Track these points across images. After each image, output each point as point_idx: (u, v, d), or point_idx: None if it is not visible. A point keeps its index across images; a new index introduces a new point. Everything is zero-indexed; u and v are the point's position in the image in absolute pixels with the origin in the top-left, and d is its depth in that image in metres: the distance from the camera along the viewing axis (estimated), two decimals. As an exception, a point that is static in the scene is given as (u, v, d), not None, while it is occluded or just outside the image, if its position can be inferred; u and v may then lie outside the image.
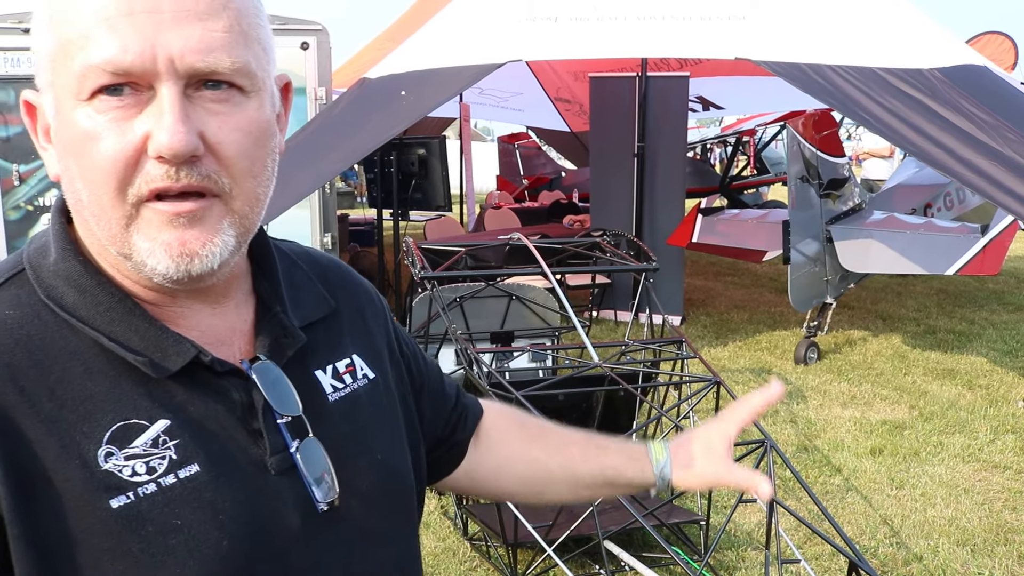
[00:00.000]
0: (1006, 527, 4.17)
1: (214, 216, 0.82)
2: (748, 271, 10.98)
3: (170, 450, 0.81)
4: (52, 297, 0.83)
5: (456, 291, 4.94)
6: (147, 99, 0.78)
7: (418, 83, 5.66)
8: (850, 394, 6.22)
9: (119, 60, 0.75)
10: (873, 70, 4.49)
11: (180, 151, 0.77)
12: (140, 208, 0.79)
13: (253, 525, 0.84)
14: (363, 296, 1.12)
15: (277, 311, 0.95)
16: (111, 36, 0.75)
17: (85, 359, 0.81)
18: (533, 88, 12.88)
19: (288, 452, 0.89)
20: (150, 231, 0.80)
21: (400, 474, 1.04)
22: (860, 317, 8.53)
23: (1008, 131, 4.00)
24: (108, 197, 0.79)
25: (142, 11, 0.76)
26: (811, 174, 6.88)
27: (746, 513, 4.24)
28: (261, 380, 0.89)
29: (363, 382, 1.03)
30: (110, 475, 0.79)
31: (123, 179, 0.78)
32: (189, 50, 0.77)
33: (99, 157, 0.77)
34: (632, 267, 4.68)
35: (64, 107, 0.79)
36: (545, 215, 11.86)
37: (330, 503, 0.90)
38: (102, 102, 0.77)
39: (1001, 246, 6.27)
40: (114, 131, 0.77)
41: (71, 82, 0.77)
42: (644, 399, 4.12)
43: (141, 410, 0.81)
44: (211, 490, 0.82)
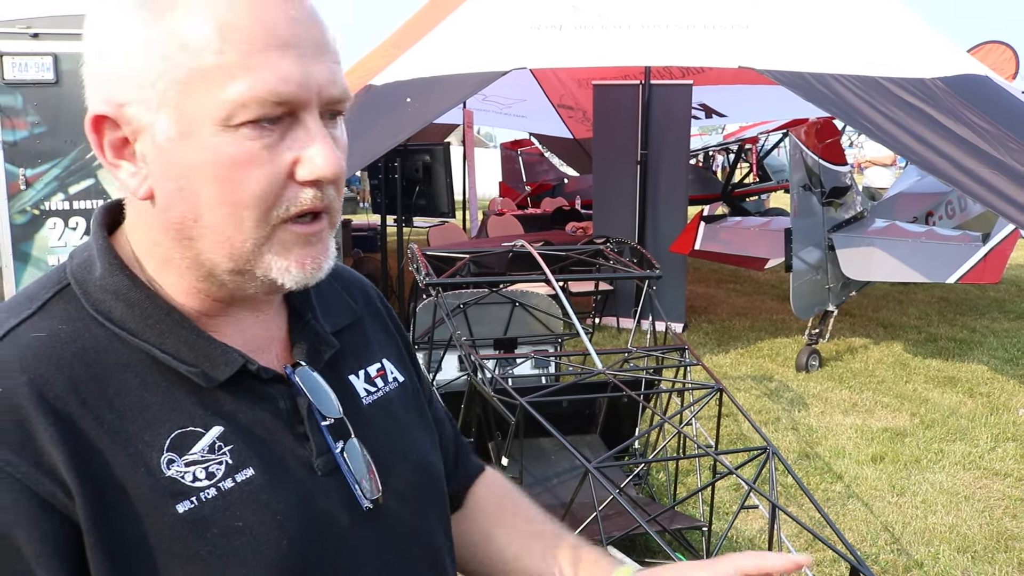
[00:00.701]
0: (1007, 534, 4.19)
1: (327, 233, 0.89)
2: (750, 278, 11.00)
3: (226, 455, 0.85)
4: (101, 311, 0.86)
5: (460, 297, 4.97)
6: (287, 127, 0.83)
7: (423, 90, 5.69)
8: (851, 401, 6.23)
9: (281, 90, 0.80)
10: (875, 79, 4.52)
11: (337, 174, 0.84)
12: (276, 230, 0.84)
13: (308, 524, 0.88)
14: (377, 301, 1.17)
15: (310, 319, 1.00)
16: (270, 68, 0.80)
17: (138, 371, 0.84)
18: (536, 95, 12.92)
19: (332, 453, 0.93)
20: (282, 251, 0.85)
21: (435, 473, 1.09)
22: (862, 325, 8.55)
23: (1009, 140, 4.02)
24: (253, 219, 0.83)
25: (291, 44, 0.81)
26: (813, 182, 6.91)
27: (748, 520, 4.26)
28: (304, 385, 0.93)
29: (394, 385, 1.07)
30: (174, 481, 0.82)
31: (272, 203, 0.83)
32: (328, 82, 0.84)
33: (252, 183, 0.81)
34: (635, 274, 4.70)
35: (200, 131, 0.81)
36: (548, 222, 11.88)
37: (374, 501, 0.94)
38: (253, 129, 0.81)
39: (1002, 255, 6.29)
40: (266, 158, 0.82)
41: (216, 109, 0.80)
42: (647, 406, 4.15)
43: (196, 418, 0.85)
44: (267, 492, 0.86)
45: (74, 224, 5.72)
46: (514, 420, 3.42)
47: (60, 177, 5.68)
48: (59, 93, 5.45)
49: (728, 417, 5.35)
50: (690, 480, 4.64)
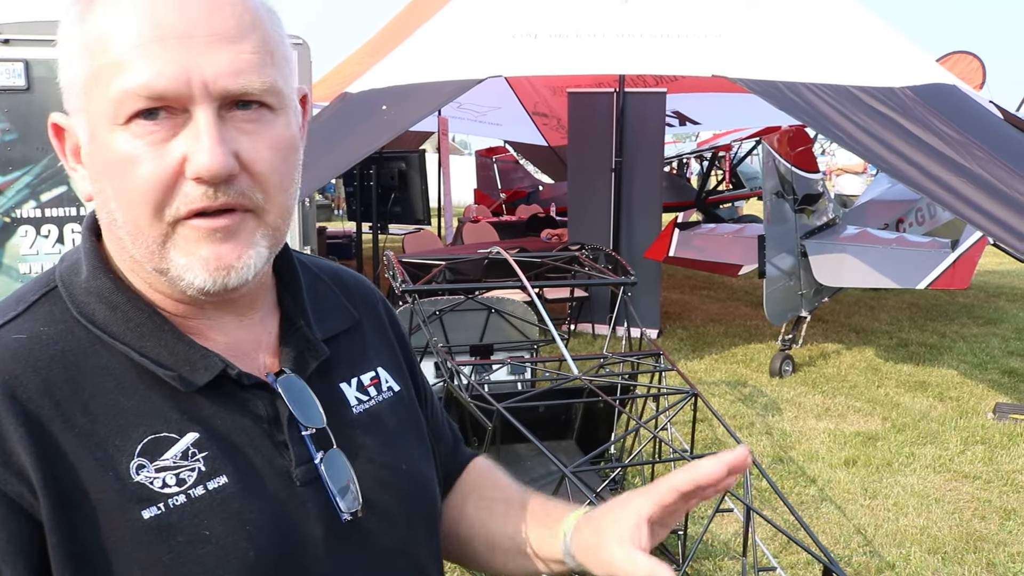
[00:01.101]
0: (975, 535, 4.25)
1: (247, 229, 0.85)
2: (724, 285, 11.08)
3: (199, 462, 0.84)
4: (84, 314, 0.86)
5: (436, 304, 4.98)
6: (182, 122, 0.81)
7: (399, 98, 5.70)
8: (824, 406, 6.30)
9: (154, 84, 0.78)
10: (846, 88, 4.59)
11: (219, 172, 0.80)
12: (176, 226, 0.82)
13: (279, 535, 0.87)
14: (380, 308, 1.15)
15: (301, 324, 0.98)
16: (146, 62, 0.78)
17: (116, 374, 0.84)
18: (511, 102, 12.95)
19: (312, 463, 0.91)
20: (187, 247, 0.83)
21: (424, 485, 1.07)
22: (834, 330, 8.64)
23: (976, 148, 4.09)
24: (145, 217, 0.82)
25: (174, 37, 0.79)
26: (786, 189, 6.98)
27: (723, 523, 4.30)
28: (286, 393, 0.92)
29: (388, 394, 1.06)
30: (141, 487, 0.81)
31: (161, 200, 0.81)
32: (221, 73, 0.80)
33: (138, 180, 0.80)
34: (611, 280, 4.74)
35: (100, 131, 0.81)
36: (523, 229, 11.92)
37: (353, 513, 0.92)
38: (139, 126, 0.80)
39: (971, 261, 6.39)
40: (151, 155, 0.80)
41: (106, 107, 0.80)
42: (623, 411, 4.17)
43: (171, 423, 0.84)
44: (239, 501, 0.85)
45: (46, 232, 5.67)
46: (491, 426, 3.44)
47: (32, 184, 5.62)
48: (30, 100, 5.40)
49: (703, 422, 5.39)
50: (666, 485, 4.66)
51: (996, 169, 4.01)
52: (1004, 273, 11.89)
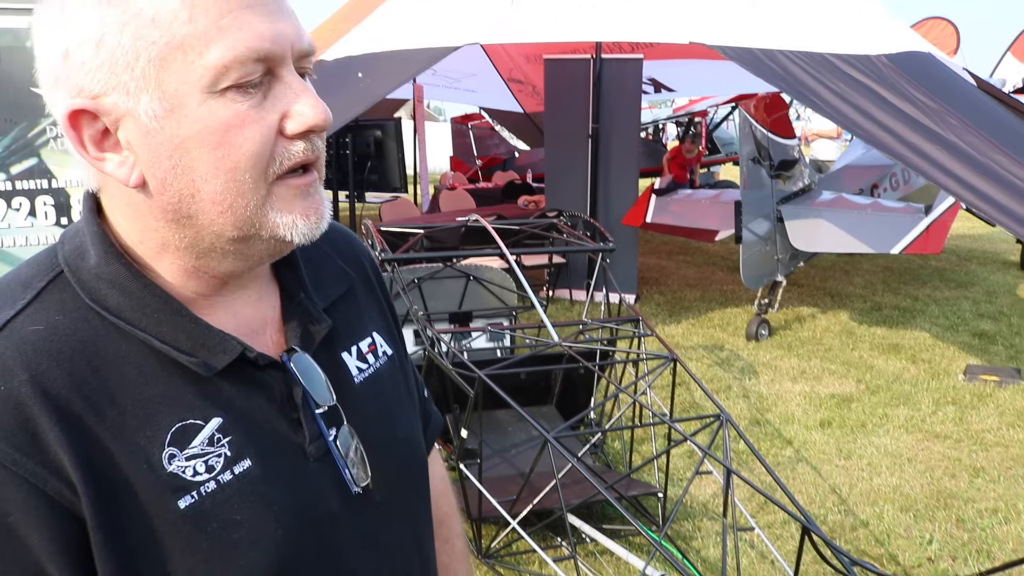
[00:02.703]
0: (945, 493, 4.36)
1: (319, 184, 0.89)
2: (701, 250, 11.15)
3: (224, 447, 0.85)
4: (96, 300, 0.84)
5: (414, 272, 4.99)
6: (267, 85, 0.82)
7: (374, 65, 5.66)
8: (800, 369, 6.39)
9: (259, 47, 0.80)
10: (823, 55, 4.61)
11: (327, 121, 0.85)
12: (272, 187, 0.84)
13: (301, 512, 0.89)
14: (367, 261, 1.15)
15: (301, 298, 0.99)
16: (242, 28, 0.79)
17: (137, 362, 0.84)
18: (486, 69, 12.87)
19: (324, 439, 0.93)
20: (284, 205, 0.85)
21: (418, 449, 1.10)
22: (809, 294, 8.74)
23: (950, 116, 4.14)
24: (252, 180, 0.83)
25: (258, 4, 0.81)
26: (762, 155, 7.03)
27: (702, 485, 4.38)
28: (298, 372, 0.93)
29: (383, 359, 1.07)
30: (175, 477, 0.82)
31: (268, 161, 0.83)
32: (297, 36, 0.84)
33: (247, 144, 0.81)
34: (589, 247, 4.77)
35: (187, 102, 0.79)
36: (499, 196, 11.90)
37: (364, 486, 0.95)
38: (236, 92, 0.80)
39: (943, 226, 6.48)
40: (255, 117, 0.81)
41: (201, 76, 0.79)
42: (602, 376, 4.23)
43: (196, 409, 0.85)
44: (263, 483, 0.86)
45: (17, 205, 5.60)
46: (472, 393, 3.47)
47: (1, 157, 5.56)
48: (-3, 70, 5.32)
49: (681, 386, 5.46)
50: (645, 448, 4.74)
51: (969, 137, 4.06)
52: (976, 237, 12.05)
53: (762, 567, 3.66)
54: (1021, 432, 5.12)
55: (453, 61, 8.35)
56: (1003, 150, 4.02)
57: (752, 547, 3.78)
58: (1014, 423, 5.25)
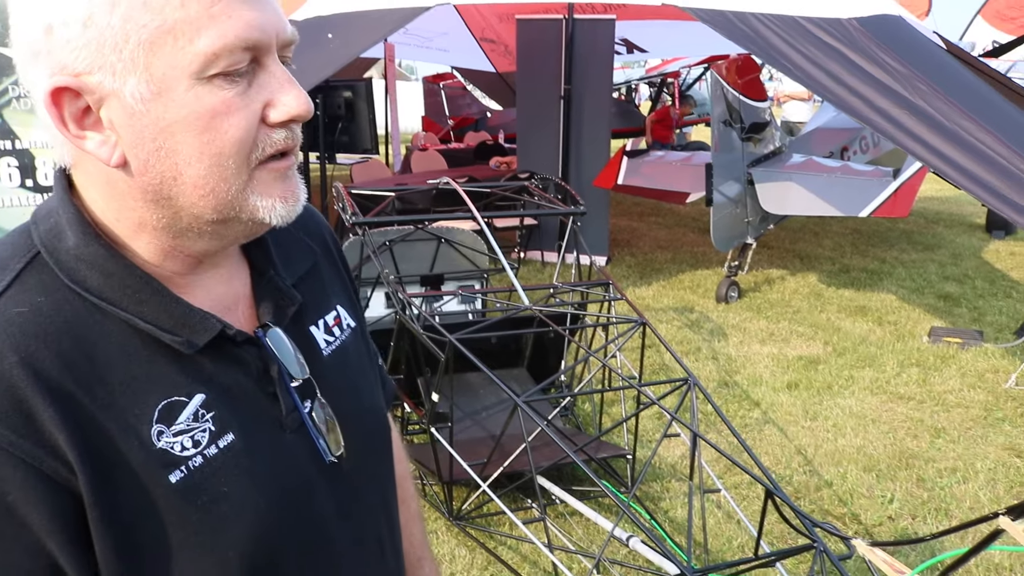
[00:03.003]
0: (907, 453, 4.45)
1: (295, 168, 0.92)
2: (672, 212, 11.19)
3: (208, 422, 0.87)
4: (77, 281, 0.85)
5: (385, 235, 4.97)
6: (253, 74, 0.85)
7: (345, 26, 5.59)
8: (768, 331, 6.47)
9: (248, 36, 0.82)
10: (794, 18, 4.61)
11: (309, 111, 0.88)
12: (255, 172, 0.87)
13: (280, 482, 0.92)
14: (328, 235, 1.17)
15: (271, 275, 1.01)
16: (232, 16, 0.81)
17: (120, 342, 0.85)
18: (458, 28, 12.75)
19: (298, 412, 0.96)
20: (264, 189, 0.88)
21: (382, 416, 1.15)
22: (779, 256, 8.81)
23: (919, 81, 4.16)
24: (236, 165, 0.85)
25: None
26: (733, 118, 7.04)
27: (670, 447, 4.44)
28: (273, 347, 0.96)
29: (347, 332, 1.10)
30: (164, 452, 0.84)
31: (251, 146, 0.85)
32: (282, 26, 0.87)
33: (232, 129, 0.83)
34: (560, 211, 4.77)
35: (175, 86, 0.81)
36: (471, 157, 11.83)
37: (338, 456, 0.99)
38: (223, 79, 0.82)
39: (911, 189, 6.54)
40: (240, 104, 0.83)
41: (190, 61, 0.80)
42: (572, 340, 4.25)
43: (180, 387, 0.87)
44: (246, 455, 0.89)
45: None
46: (443, 357, 3.49)
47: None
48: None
49: (651, 348, 5.51)
50: (615, 410, 4.79)
51: (938, 102, 4.09)
52: (943, 200, 12.17)
53: (728, 527, 3.73)
54: (981, 393, 5.22)
55: (425, 20, 8.27)
56: (970, 116, 4.06)
57: (719, 508, 3.85)
58: (975, 384, 5.36)
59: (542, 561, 3.44)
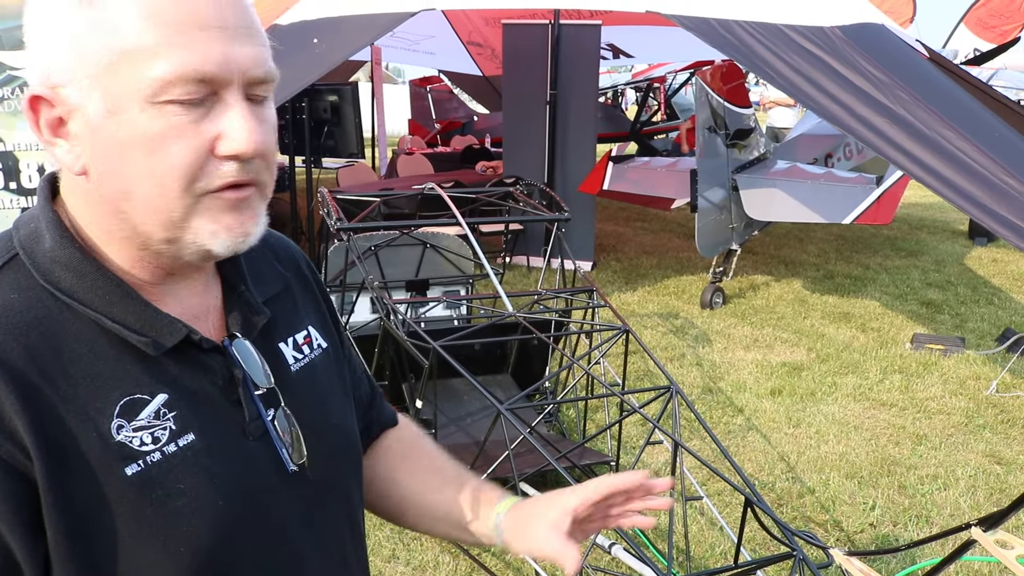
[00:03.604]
0: (889, 460, 4.48)
1: (256, 202, 0.93)
2: (657, 217, 11.22)
3: (170, 421, 0.91)
4: (51, 281, 0.89)
5: (371, 239, 4.97)
6: (211, 105, 0.87)
7: (331, 30, 5.58)
8: (753, 337, 6.49)
9: (202, 68, 0.84)
10: (778, 27, 4.62)
11: (257, 149, 0.89)
12: (201, 199, 0.88)
13: (240, 485, 0.95)
14: (304, 268, 1.22)
15: (242, 290, 1.05)
16: (193, 47, 0.84)
17: (88, 340, 0.89)
18: (445, 31, 12.75)
19: (262, 420, 1.00)
20: (213, 215, 0.90)
21: (351, 435, 1.17)
22: (764, 262, 8.85)
23: (900, 90, 4.18)
24: (177, 190, 0.87)
25: (214, 26, 0.86)
26: (718, 124, 7.07)
27: (654, 453, 4.45)
28: (239, 356, 1.00)
29: (318, 351, 1.14)
30: (123, 446, 0.87)
31: (193, 176, 0.87)
32: (252, 63, 0.89)
33: (173, 157, 0.86)
34: (545, 217, 4.78)
35: (128, 108, 0.85)
36: (458, 161, 11.83)
37: (300, 465, 1.02)
38: (174, 106, 0.85)
39: (894, 197, 6.58)
40: (187, 133, 0.86)
41: (144, 86, 0.84)
42: (556, 347, 4.26)
43: (143, 385, 0.90)
44: (205, 455, 0.92)
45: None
46: (427, 363, 3.49)
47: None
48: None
49: (636, 354, 5.52)
50: (600, 415, 4.80)
51: (919, 111, 4.11)
52: (926, 206, 12.24)
53: (711, 533, 3.74)
54: (963, 400, 5.26)
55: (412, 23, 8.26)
56: (950, 125, 4.09)
57: (702, 515, 3.87)
58: (956, 391, 5.40)
59: (525, 568, 3.45)
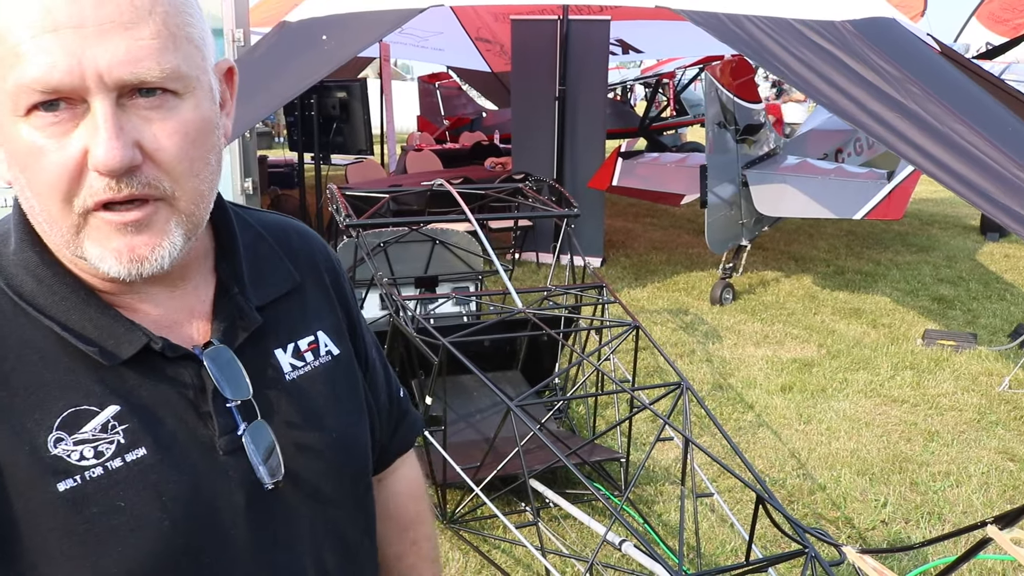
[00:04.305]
0: (901, 456, 4.46)
1: (160, 220, 0.84)
2: (667, 213, 11.19)
3: (119, 434, 0.85)
4: (12, 286, 0.86)
5: (380, 236, 4.97)
6: (83, 111, 0.79)
7: (339, 27, 5.58)
8: (763, 333, 6.47)
9: (47, 78, 0.76)
10: (788, 21, 4.60)
11: (116, 167, 0.78)
12: (88, 217, 0.81)
13: (196, 505, 0.88)
14: (324, 266, 1.13)
15: (234, 293, 0.98)
16: (39, 55, 0.76)
17: (41, 347, 0.85)
18: (454, 28, 12.73)
19: (236, 433, 0.92)
20: (100, 238, 0.82)
21: (355, 451, 1.08)
22: (774, 258, 8.81)
23: (911, 84, 4.16)
24: (56, 207, 0.81)
25: (66, 27, 0.76)
26: (728, 120, 7.04)
27: (664, 450, 4.44)
28: (213, 364, 0.92)
29: (326, 359, 1.06)
30: (58, 460, 0.82)
31: (68, 192, 0.80)
32: (117, 63, 0.77)
33: (43, 172, 0.79)
34: (554, 213, 4.76)
35: (5, 121, 0.80)
36: (467, 157, 11.83)
37: (276, 482, 0.93)
38: (39, 118, 0.78)
39: (905, 192, 6.54)
40: (54, 146, 0.79)
41: (5, 99, 0.78)
42: (566, 343, 4.25)
43: (92, 396, 0.85)
44: (156, 472, 0.86)
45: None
46: (437, 360, 3.48)
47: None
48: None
49: (645, 350, 5.50)
50: (609, 413, 4.79)
51: (930, 105, 4.09)
52: (937, 201, 12.19)
53: (721, 531, 3.73)
54: (975, 396, 5.23)
55: (420, 20, 8.26)
56: (962, 119, 4.06)
57: (712, 511, 3.85)
58: (968, 387, 5.37)
59: (535, 565, 3.44)
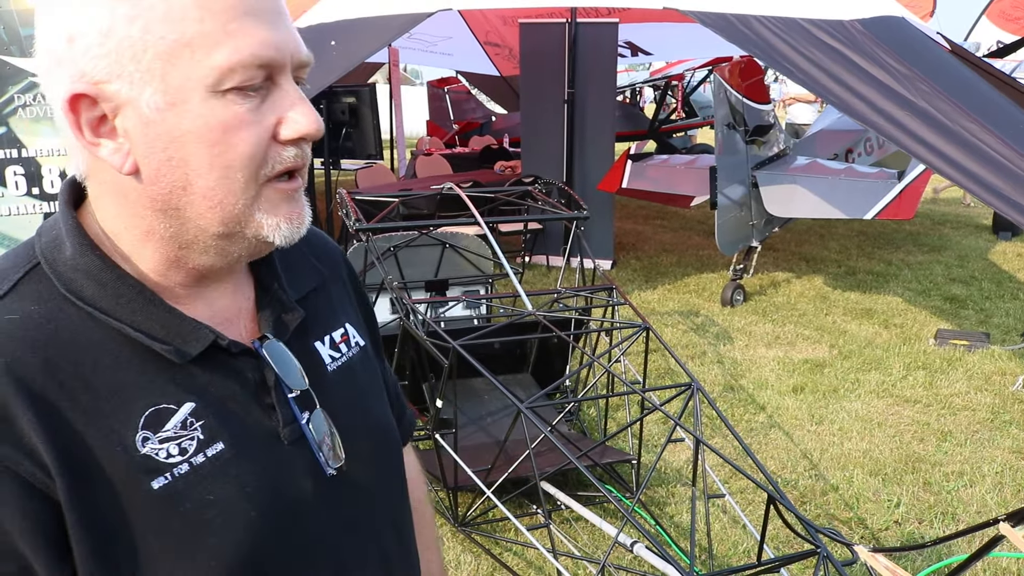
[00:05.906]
0: (914, 457, 4.43)
1: (302, 190, 0.93)
2: (677, 215, 11.18)
3: (197, 431, 0.88)
4: (72, 291, 0.87)
5: (390, 240, 4.98)
6: (267, 91, 0.86)
7: (347, 33, 5.60)
8: (774, 334, 6.45)
9: (262, 54, 0.83)
10: (797, 21, 4.59)
11: (319, 130, 0.89)
12: (262, 189, 0.88)
13: (275, 494, 0.92)
14: (342, 262, 1.19)
15: (275, 288, 1.02)
16: (248, 34, 0.83)
17: (111, 349, 0.86)
18: (462, 32, 12.76)
19: (298, 423, 0.96)
20: (269, 208, 0.89)
21: (391, 434, 1.14)
22: (784, 259, 8.79)
23: (921, 82, 4.14)
24: (244, 180, 0.86)
25: (259, 12, 0.85)
26: (737, 121, 7.03)
27: (675, 452, 4.43)
28: (271, 358, 0.96)
29: (356, 349, 1.10)
30: (148, 459, 0.84)
31: (260, 162, 0.86)
32: (297, 47, 0.88)
33: (243, 144, 0.85)
34: (564, 215, 4.77)
35: (189, 98, 0.82)
36: (476, 161, 11.84)
37: (338, 468, 0.98)
38: (236, 94, 0.84)
39: (916, 192, 6.52)
40: (252, 120, 0.85)
41: (206, 75, 0.82)
42: (576, 346, 4.25)
43: (169, 395, 0.87)
44: (235, 465, 0.89)
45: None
46: (447, 363, 3.49)
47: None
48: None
49: (656, 352, 5.50)
50: (621, 414, 4.78)
51: (940, 103, 4.07)
52: (949, 201, 12.14)
53: (734, 532, 3.72)
54: (988, 396, 5.20)
55: (428, 24, 8.28)
56: (973, 117, 4.04)
57: (724, 512, 3.84)
58: (981, 387, 5.34)
59: (547, 567, 3.44)
